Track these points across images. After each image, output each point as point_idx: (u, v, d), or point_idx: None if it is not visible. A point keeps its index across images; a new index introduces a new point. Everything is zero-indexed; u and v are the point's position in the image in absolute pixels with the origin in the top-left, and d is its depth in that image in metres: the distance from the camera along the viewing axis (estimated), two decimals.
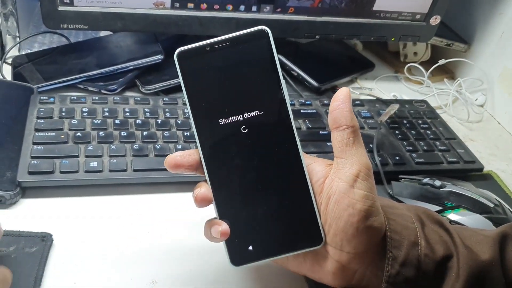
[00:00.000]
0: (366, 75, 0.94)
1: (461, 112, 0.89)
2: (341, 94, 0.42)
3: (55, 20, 0.70)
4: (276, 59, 0.40)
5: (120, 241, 0.52)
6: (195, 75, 0.40)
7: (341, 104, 0.41)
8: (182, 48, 0.40)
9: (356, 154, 0.41)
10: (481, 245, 0.43)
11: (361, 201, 0.40)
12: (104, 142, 0.60)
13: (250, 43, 0.40)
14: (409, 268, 0.41)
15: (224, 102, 0.41)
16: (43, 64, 0.75)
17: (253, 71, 0.41)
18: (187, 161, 0.42)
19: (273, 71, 0.40)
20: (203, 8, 0.74)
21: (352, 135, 0.41)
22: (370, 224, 0.40)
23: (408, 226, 0.42)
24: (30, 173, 0.54)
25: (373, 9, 0.80)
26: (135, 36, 0.81)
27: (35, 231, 0.50)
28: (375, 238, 0.41)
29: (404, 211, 0.44)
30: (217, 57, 0.40)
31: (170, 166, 0.42)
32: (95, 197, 0.57)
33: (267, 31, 0.40)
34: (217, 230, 0.41)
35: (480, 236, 0.44)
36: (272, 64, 0.40)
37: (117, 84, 0.73)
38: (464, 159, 0.70)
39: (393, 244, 0.41)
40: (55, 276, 0.47)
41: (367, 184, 0.41)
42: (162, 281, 0.48)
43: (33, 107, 0.64)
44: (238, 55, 0.40)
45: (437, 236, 0.43)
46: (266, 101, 0.41)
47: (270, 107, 0.41)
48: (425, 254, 0.41)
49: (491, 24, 0.91)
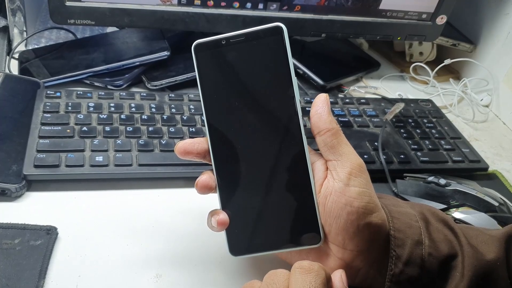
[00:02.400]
0: (372, 74, 0.94)
1: (466, 112, 0.88)
2: (319, 99, 0.42)
3: (62, 16, 0.70)
4: (289, 56, 0.40)
5: (125, 235, 0.52)
6: (209, 67, 0.41)
7: (319, 109, 0.42)
8: (199, 41, 0.41)
9: (344, 153, 0.41)
10: (487, 244, 0.43)
11: (358, 199, 0.40)
12: (109, 137, 0.60)
13: (265, 39, 0.41)
14: (412, 267, 0.41)
15: (235, 95, 0.41)
16: (50, 59, 0.75)
17: (265, 66, 0.41)
18: (196, 148, 0.43)
19: (285, 68, 0.40)
20: (210, 5, 0.74)
21: (333, 137, 0.41)
22: (370, 220, 0.40)
23: (412, 225, 0.42)
24: (36, 167, 0.55)
25: (379, 8, 0.80)
26: (141, 32, 0.81)
27: (40, 224, 0.50)
28: (377, 234, 0.41)
29: (408, 209, 0.44)
30: (232, 51, 0.41)
31: (180, 152, 0.43)
32: (100, 191, 0.57)
33: (282, 27, 0.40)
34: (215, 220, 0.42)
35: (486, 235, 0.44)
36: (284, 61, 0.40)
37: (123, 80, 0.73)
38: (469, 158, 0.70)
39: (397, 243, 0.41)
40: (59, 269, 0.47)
41: (361, 181, 0.41)
42: (167, 275, 0.48)
43: (40, 102, 0.64)
44: (253, 50, 0.41)
45: (441, 235, 0.43)
46: (276, 97, 0.41)
47: (279, 103, 0.41)
48: (429, 253, 0.41)
49: (497, 24, 0.91)
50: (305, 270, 0.34)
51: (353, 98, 0.80)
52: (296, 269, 0.35)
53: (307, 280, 0.33)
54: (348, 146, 0.42)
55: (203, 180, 0.43)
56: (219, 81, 0.42)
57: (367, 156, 0.66)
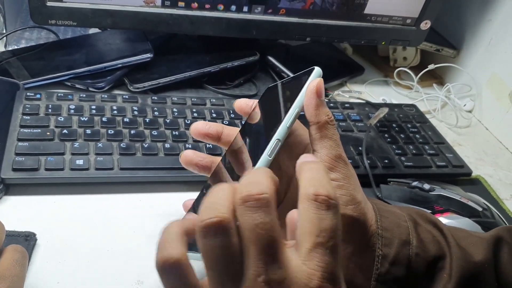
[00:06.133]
0: (356, 79, 0.94)
1: (449, 117, 0.89)
2: (309, 90, 0.41)
3: (43, 16, 0.68)
4: (303, 89, 0.41)
5: (106, 241, 0.51)
6: (263, 100, 0.47)
7: (307, 101, 0.41)
8: (271, 85, 0.49)
9: (325, 147, 0.41)
10: (476, 246, 0.43)
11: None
12: (90, 140, 0.59)
13: (300, 78, 0.43)
14: (399, 267, 0.40)
15: (258, 120, 0.45)
16: (30, 60, 0.73)
17: (283, 99, 0.43)
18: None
19: (292, 99, 0.41)
20: (194, 7, 0.73)
21: (318, 131, 0.41)
22: (343, 212, 0.39)
23: (400, 224, 0.42)
24: (14, 170, 0.53)
25: (364, 12, 0.80)
26: (124, 34, 0.80)
27: (19, 230, 0.49)
28: (352, 227, 0.40)
29: (397, 210, 0.44)
30: (278, 89, 0.46)
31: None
32: (80, 196, 0.56)
33: (313, 69, 0.43)
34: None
35: (475, 237, 0.44)
36: (296, 93, 0.41)
37: (105, 82, 0.72)
38: (452, 163, 0.70)
39: (384, 242, 0.41)
40: (38, 276, 0.46)
41: (336, 175, 0.40)
42: (148, 282, 0.47)
43: (19, 104, 0.62)
44: (287, 87, 0.45)
45: (430, 235, 0.43)
46: (273, 121, 0.42)
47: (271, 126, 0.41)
48: (416, 253, 0.41)
49: (480, 30, 0.92)
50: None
51: (337, 102, 0.80)
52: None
53: None
54: (332, 141, 0.41)
55: (186, 154, 0.48)
56: (260, 109, 0.46)
57: (351, 161, 0.65)
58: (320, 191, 0.31)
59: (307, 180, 0.32)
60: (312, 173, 0.32)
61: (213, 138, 0.48)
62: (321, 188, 0.31)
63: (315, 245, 0.30)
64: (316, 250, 0.29)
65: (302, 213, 0.31)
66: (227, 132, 0.48)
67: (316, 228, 0.30)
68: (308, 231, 0.30)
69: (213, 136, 0.47)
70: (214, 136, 0.47)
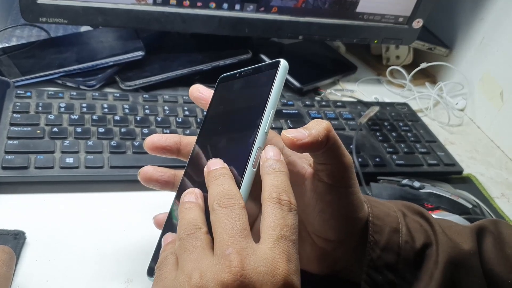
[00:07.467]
0: (348, 78, 0.94)
1: (441, 116, 0.89)
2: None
3: (34, 14, 0.68)
4: (274, 87, 0.39)
5: (95, 239, 0.51)
6: (219, 94, 0.45)
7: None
8: (224, 74, 0.46)
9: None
10: (461, 235, 0.44)
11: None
12: (81, 138, 0.59)
13: (264, 72, 0.42)
14: (389, 253, 0.42)
15: (222, 116, 0.44)
16: (20, 58, 0.73)
17: (252, 96, 0.42)
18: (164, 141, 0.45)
19: (263, 98, 0.39)
20: (186, 5, 0.73)
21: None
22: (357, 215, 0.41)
23: (390, 214, 0.43)
24: (4, 168, 0.53)
25: (357, 11, 0.80)
26: (116, 32, 0.80)
27: (8, 228, 0.49)
28: (357, 225, 0.42)
29: (386, 202, 0.46)
30: (237, 83, 0.44)
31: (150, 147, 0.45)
32: (70, 194, 0.55)
33: (279, 62, 0.41)
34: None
35: (459, 227, 0.45)
36: (266, 91, 0.39)
37: (96, 80, 0.72)
38: (444, 161, 0.70)
39: (375, 229, 0.42)
40: (27, 275, 0.46)
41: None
42: (137, 281, 0.47)
43: (9, 101, 0.62)
44: (250, 82, 0.43)
45: (417, 225, 0.44)
46: (245, 121, 0.40)
47: (245, 127, 0.40)
48: (405, 241, 0.42)
49: (472, 29, 0.92)
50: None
51: (329, 101, 0.80)
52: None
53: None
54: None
55: (146, 171, 0.45)
56: (218, 105, 0.44)
57: None
58: (283, 196, 0.34)
59: (270, 185, 0.35)
60: (276, 178, 0.36)
61: (172, 151, 0.44)
62: (284, 194, 0.35)
63: (280, 236, 0.32)
64: (281, 240, 0.32)
65: (267, 211, 0.34)
66: (186, 142, 0.44)
67: (281, 223, 0.33)
68: (273, 225, 0.33)
69: (172, 148, 0.44)
70: (172, 148, 0.44)
